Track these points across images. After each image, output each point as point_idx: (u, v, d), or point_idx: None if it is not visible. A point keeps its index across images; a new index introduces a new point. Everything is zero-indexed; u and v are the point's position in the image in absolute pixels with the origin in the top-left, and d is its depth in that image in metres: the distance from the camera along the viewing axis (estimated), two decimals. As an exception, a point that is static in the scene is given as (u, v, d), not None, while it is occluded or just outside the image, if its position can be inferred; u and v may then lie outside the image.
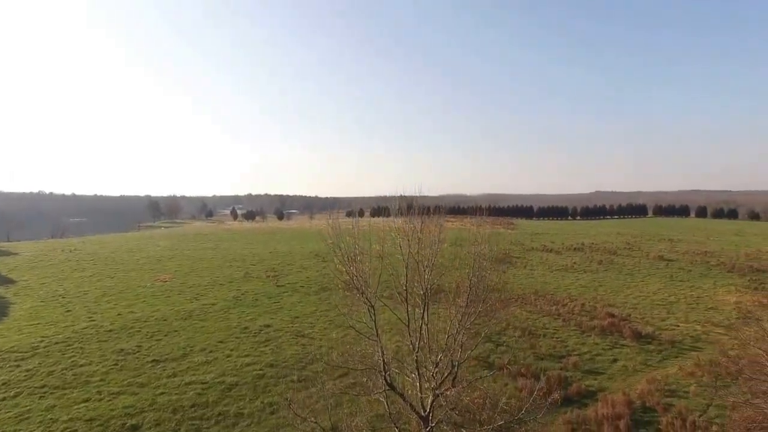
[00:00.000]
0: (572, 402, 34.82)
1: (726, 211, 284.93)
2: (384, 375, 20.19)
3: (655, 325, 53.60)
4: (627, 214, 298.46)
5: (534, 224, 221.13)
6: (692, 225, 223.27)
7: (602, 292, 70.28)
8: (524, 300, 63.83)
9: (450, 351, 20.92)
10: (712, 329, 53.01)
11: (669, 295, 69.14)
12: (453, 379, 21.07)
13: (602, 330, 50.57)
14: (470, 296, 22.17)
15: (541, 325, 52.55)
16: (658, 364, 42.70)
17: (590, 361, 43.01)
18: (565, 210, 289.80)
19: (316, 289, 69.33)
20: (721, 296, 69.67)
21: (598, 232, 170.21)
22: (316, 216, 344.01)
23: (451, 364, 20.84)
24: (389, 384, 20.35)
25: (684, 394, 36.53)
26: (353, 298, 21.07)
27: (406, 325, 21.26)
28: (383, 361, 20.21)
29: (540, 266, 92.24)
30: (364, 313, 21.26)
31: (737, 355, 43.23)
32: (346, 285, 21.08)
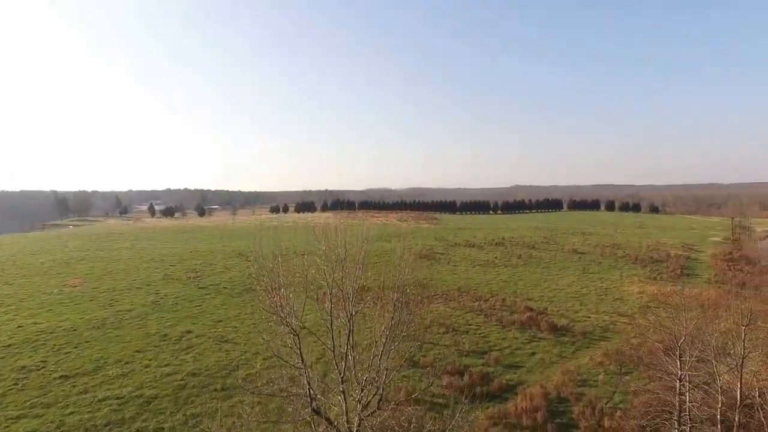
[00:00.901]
0: (494, 397, 36.13)
1: (631, 205, 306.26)
2: (310, 402, 19.80)
3: (569, 317, 56.65)
4: (544, 208, 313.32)
5: (457, 219, 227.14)
6: (602, 218, 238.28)
7: (522, 287, 73.35)
8: (448, 297, 65.39)
9: (376, 371, 20.81)
10: (619, 319, 56.75)
11: (582, 288, 73.32)
12: (379, 401, 21.02)
13: (522, 324, 52.77)
14: (394, 319, 22.13)
15: (465, 322, 54.03)
16: (571, 355, 45.18)
17: (511, 355, 44.76)
18: (486, 204, 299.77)
19: (240, 290, 67.48)
20: (626, 287, 74.76)
21: (518, 226, 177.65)
22: (240, 212, 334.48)
23: (376, 387, 20.75)
24: (315, 410, 20.01)
25: (594, 382, 38.92)
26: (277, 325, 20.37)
27: (332, 350, 20.88)
28: (309, 388, 19.78)
29: (463, 262, 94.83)
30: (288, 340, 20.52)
31: (638, 343, 46.63)
32: (270, 313, 20.40)
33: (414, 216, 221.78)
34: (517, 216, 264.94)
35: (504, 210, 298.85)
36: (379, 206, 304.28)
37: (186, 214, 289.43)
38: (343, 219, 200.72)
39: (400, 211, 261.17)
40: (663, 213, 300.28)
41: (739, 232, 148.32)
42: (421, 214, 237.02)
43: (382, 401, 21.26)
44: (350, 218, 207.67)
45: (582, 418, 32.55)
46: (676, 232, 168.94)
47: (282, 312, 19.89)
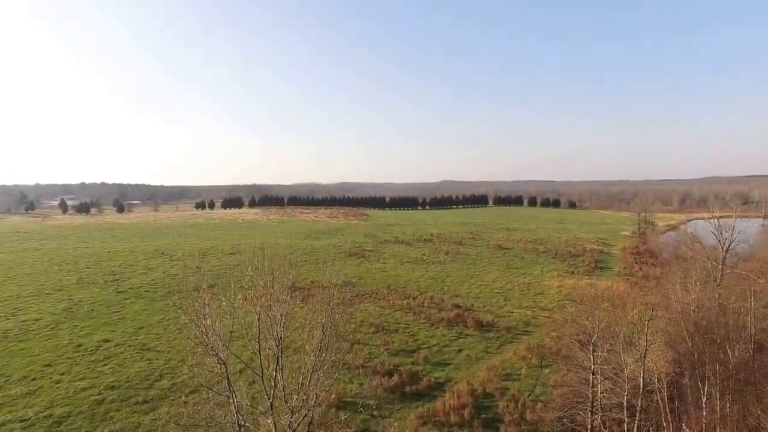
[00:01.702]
0: (423, 396, 37.18)
1: (552, 201, 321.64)
2: (239, 430, 19.59)
3: (494, 313, 59.04)
4: (471, 204, 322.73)
5: (386, 215, 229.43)
6: (525, 214, 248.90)
7: (449, 283, 75.49)
8: (377, 295, 66.21)
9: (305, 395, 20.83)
10: (540, 313, 59.82)
11: (506, 283, 76.50)
12: (309, 425, 21.14)
13: (449, 322, 54.42)
14: (323, 342, 22.24)
15: (394, 320, 54.99)
16: (496, 351, 47.21)
17: (439, 353, 46.13)
18: (415, 200, 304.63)
19: (164, 293, 64.91)
20: (547, 281, 78.80)
21: (446, 222, 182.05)
22: (162, 208, 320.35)
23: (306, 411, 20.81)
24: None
25: (517, 377, 40.97)
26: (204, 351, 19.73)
27: (260, 376, 20.64)
28: (238, 415, 19.52)
29: (392, 259, 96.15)
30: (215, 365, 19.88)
31: (557, 336, 49.45)
32: (197, 343, 19.81)
33: (344, 212, 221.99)
34: (445, 212, 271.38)
35: (432, 206, 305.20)
36: (308, 202, 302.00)
37: (103, 211, 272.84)
38: (272, 216, 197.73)
39: (330, 207, 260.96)
40: (580, 208, 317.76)
41: (645, 227, 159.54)
42: (350, 210, 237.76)
43: (312, 425, 21.36)
44: (279, 215, 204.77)
45: (506, 412, 34.24)
46: (592, 226, 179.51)
47: (208, 340, 19.33)
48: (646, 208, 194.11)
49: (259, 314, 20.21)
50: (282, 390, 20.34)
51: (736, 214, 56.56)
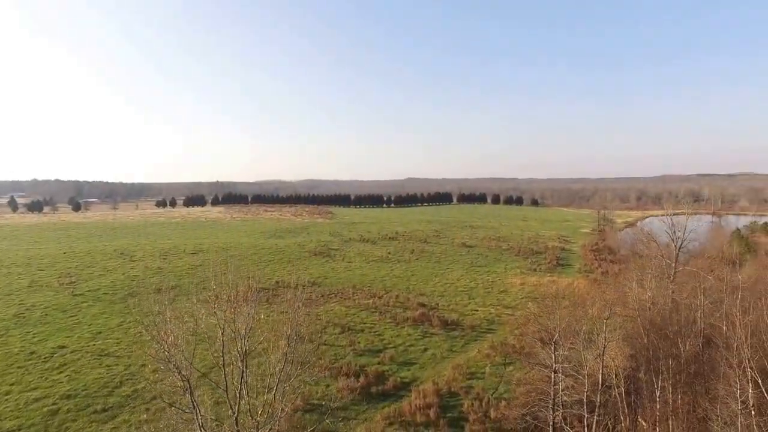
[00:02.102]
0: (390, 396, 37.47)
1: (515, 198, 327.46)
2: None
3: (459, 312, 59.84)
4: (436, 201, 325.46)
5: (352, 213, 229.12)
6: (489, 211, 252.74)
7: (414, 282, 76.07)
8: (343, 295, 66.20)
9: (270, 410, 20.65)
10: (503, 311, 60.95)
11: (470, 281, 77.60)
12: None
13: (414, 321, 54.88)
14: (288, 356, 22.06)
15: (360, 320, 55.12)
16: (461, 349, 47.90)
17: (404, 352, 46.52)
18: (380, 198, 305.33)
19: (123, 296, 63.30)
20: (510, 279, 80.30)
21: (411, 220, 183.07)
22: (121, 206, 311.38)
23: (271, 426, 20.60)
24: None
25: (481, 375, 41.71)
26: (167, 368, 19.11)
27: (225, 392, 20.24)
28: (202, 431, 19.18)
29: (358, 258, 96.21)
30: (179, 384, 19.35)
31: (520, 334, 50.51)
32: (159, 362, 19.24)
33: (309, 210, 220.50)
34: (410, 209, 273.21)
35: (397, 203, 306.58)
36: (272, 200, 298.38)
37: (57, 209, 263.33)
38: (236, 214, 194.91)
39: (295, 205, 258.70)
40: (542, 206, 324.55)
41: (604, 224, 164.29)
42: (316, 208, 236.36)
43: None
44: (243, 213, 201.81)
45: (471, 411, 34.84)
46: (553, 224, 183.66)
47: (170, 358, 18.76)
48: (605, 205, 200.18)
49: (223, 328, 19.77)
50: (247, 404, 20.08)
51: (689, 214, 58.66)
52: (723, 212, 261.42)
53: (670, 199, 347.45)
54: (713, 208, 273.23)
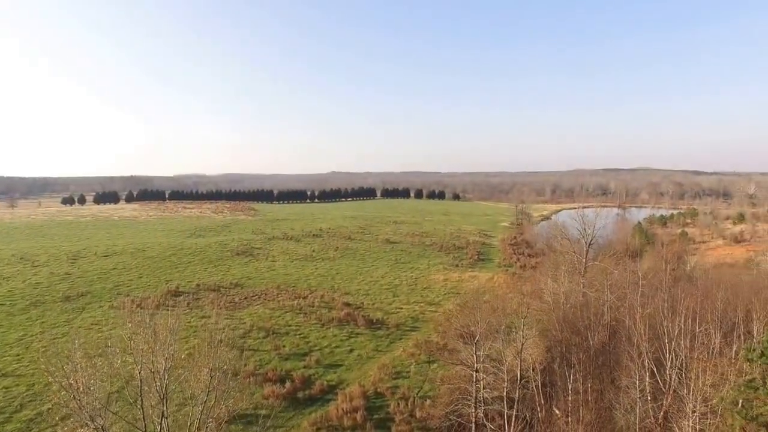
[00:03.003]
0: (317, 401, 37.30)
1: (437, 192, 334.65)
2: None
3: (383, 310, 60.41)
4: (360, 196, 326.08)
5: (275, 209, 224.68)
6: (412, 206, 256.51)
7: (339, 281, 75.94)
8: (267, 296, 64.94)
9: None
10: (427, 308, 62.22)
11: (394, 279, 78.53)
12: None
13: (340, 321, 54.83)
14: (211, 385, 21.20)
15: (284, 323, 54.32)
16: (386, 349, 48.44)
17: (330, 354, 46.38)
18: (303, 193, 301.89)
19: (24, 306, 58.22)
20: (433, 275, 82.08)
21: (335, 216, 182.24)
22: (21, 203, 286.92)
23: None
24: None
25: (406, 374, 42.40)
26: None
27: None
28: None
29: (281, 257, 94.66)
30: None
31: (444, 330, 51.82)
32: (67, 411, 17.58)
33: (230, 207, 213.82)
34: (335, 204, 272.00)
35: (321, 198, 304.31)
36: (192, 196, 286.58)
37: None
38: (152, 212, 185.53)
39: (216, 202, 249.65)
40: (464, 200, 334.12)
41: (521, 218, 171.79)
42: (237, 205, 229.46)
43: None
44: (160, 210, 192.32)
45: (397, 412, 35.38)
46: (474, 218, 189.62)
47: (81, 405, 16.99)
48: (522, 199, 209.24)
49: (140, 368, 18.46)
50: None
51: (598, 208, 62.52)
52: (627, 205, 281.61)
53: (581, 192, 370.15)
54: (618, 201, 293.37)
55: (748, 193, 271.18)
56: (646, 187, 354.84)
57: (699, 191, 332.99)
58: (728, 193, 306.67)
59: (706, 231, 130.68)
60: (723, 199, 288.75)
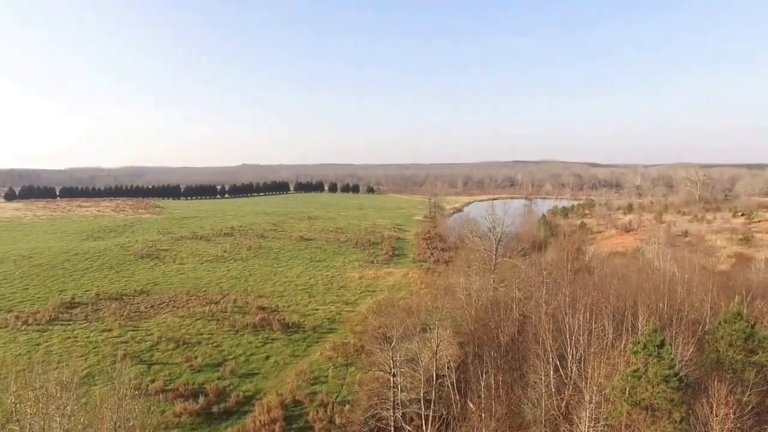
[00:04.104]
0: (233, 414, 36.17)
1: (351, 186, 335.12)
2: None
3: (299, 312, 59.61)
4: (272, 191, 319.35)
5: (183, 206, 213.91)
6: (326, 200, 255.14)
7: (252, 283, 73.94)
8: (176, 303, 61.98)
9: None
10: (344, 308, 62.10)
11: (310, 278, 77.68)
12: None
13: (255, 327, 53.45)
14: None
15: (196, 331, 52.04)
16: (303, 353, 47.83)
17: (246, 362, 45.08)
18: (213, 189, 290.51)
19: None
20: (349, 273, 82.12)
21: (247, 212, 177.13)
22: None
23: None
24: None
25: (324, 379, 42.14)
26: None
27: None
28: None
29: (191, 258, 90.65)
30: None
31: (361, 331, 52.06)
32: None
33: (133, 204, 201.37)
34: (246, 200, 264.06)
35: (232, 193, 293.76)
36: (88, 192, 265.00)
37: None
38: (40, 211, 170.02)
39: (116, 199, 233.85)
40: (378, 193, 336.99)
41: (435, 211, 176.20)
42: (141, 202, 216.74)
43: None
44: (50, 210, 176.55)
45: (317, 420, 35.07)
46: (389, 212, 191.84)
47: None
48: (435, 192, 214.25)
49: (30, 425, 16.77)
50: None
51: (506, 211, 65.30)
52: (533, 196, 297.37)
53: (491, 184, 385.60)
54: (525, 193, 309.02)
55: (635, 184, 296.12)
56: (549, 179, 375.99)
57: (595, 182, 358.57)
58: (620, 184, 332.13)
59: (601, 221, 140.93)
60: (615, 189, 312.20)
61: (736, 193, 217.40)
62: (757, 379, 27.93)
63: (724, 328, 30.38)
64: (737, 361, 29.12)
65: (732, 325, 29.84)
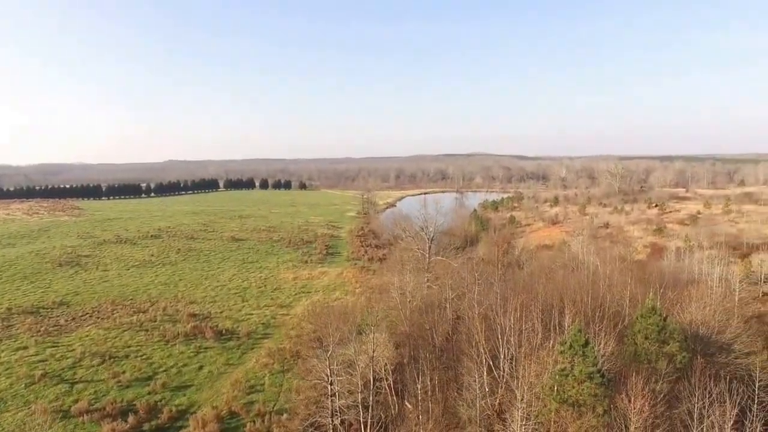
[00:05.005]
0: (166, 430, 35.05)
1: (283, 182, 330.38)
2: None
3: (233, 318, 58.35)
4: (201, 189, 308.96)
5: (105, 206, 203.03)
6: (258, 197, 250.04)
7: (183, 288, 71.55)
8: (100, 314, 58.99)
9: None
10: (278, 311, 61.38)
11: (243, 281, 76.14)
12: None
13: (186, 336, 51.87)
14: None
15: (123, 344, 49.81)
16: (238, 361, 46.92)
17: (178, 374, 43.69)
18: (138, 187, 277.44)
19: None
20: (282, 274, 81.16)
21: (175, 212, 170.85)
22: None
23: None
24: None
25: (261, 387, 41.57)
26: None
27: None
28: None
29: (115, 264, 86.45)
30: None
31: (297, 335, 51.74)
32: None
33: (48, 206, 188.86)
34: (174, 199, 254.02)
35: (158, 192, 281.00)
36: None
37: None
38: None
39: (28, 200, 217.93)
40: (310, 188, 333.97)
41: (368, 207, 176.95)
42: (57, 203, 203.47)
43: None
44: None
45: (254, 431, 34.53)
46: (321, 208, 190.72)
47: None
48: (368, 187, 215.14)
49: None
50: None
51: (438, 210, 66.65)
52: (464, 190, 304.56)
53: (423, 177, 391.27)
54: (457, 186, 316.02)
55: (561, 176, 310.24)
56: (480, 172, 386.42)
57: (524, 175, 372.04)
58: (546, 176, 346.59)
59: (529, 214, 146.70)
60: (542, 182, 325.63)
61: (650, 184, 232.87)
62: (669, 369, 30.31)
63: (640, 322, 32.72)
64: (652, 352, 31.48)
65: (647, 319, 32.19)
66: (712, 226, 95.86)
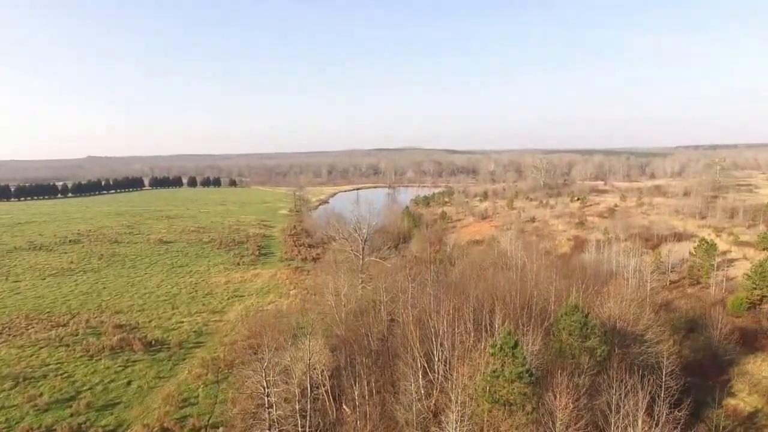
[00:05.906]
0: (91, 455, 33.13)
1: (212, 180, 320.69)
2: None
3: (163, 327, 56.19)
4: (125, 188, 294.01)
5: (15, 209, 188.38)
6: (186, 196, 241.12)
7: (107, 297, 67.99)
8: (12, 330, 54.92)
9: None
10: (211, 318, 59.66)
11: (172, 287, 73.33)
12: None
13: (112, 349, 49.42)
14: None
15: (40, 362, 46.70)
16: (170, 373, 45.28)
17: (104, 392, 41.59)
18: (54, 187, 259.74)
19: None
20: (214, 278, 78.90)
21: (96, 214, 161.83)
22: None
23: None
24: None
25: (195, 400, 40.37)
26: None
27: None
28: None
29: (28, 273, 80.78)
30: None
31: (231, 342, 50.55)
32: None
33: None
34: (95, 199, 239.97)
35: (77, 192, 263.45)
36: None
37: None
38: None
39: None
40: (241, 185, 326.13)
41: (300, 204, 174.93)
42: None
43: None
44: None
45: (187, 447, 33.47)
46: (253, 206, 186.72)
47: None
48: (300, 183, 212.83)
49: None
50: None
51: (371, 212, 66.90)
52: (396, 185, 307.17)
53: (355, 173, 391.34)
54: (389, 181, 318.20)
55: (489, 170, 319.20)
56: (411, 166, 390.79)
57: (454, 169, 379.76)
58: (476, 170, 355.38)
59: (460, 209, 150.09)
60: (472, 176, 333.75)
61: (572, 177, 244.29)
62: (590, 363, 32.12)
63: (565, 319, 34.41)
64: (575, 347, 33.25)
65: (571, 317, 33.92)
66: (627, 219, 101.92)
